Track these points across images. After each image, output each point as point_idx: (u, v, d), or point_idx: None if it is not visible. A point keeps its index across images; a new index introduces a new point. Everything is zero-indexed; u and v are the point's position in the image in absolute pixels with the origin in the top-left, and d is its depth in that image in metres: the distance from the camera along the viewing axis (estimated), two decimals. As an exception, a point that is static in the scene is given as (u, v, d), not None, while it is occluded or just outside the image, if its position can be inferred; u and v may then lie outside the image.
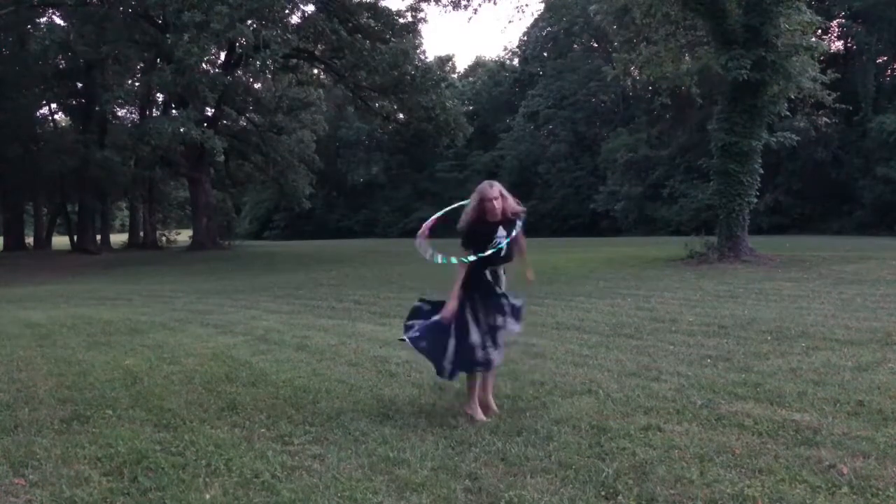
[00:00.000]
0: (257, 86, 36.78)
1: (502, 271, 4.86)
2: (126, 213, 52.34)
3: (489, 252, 4.65)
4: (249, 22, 24.41)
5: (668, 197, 41.35)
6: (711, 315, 8.78)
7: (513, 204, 4.78)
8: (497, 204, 4.69)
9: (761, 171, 17.03)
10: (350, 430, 4.50)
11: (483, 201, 4.69)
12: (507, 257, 4.80)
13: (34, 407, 5.19)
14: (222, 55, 32.45)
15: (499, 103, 57.98)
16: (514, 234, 4.73)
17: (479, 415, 4.71)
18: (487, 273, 4.78)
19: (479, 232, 4.73)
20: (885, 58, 36.83)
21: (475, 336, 4.72)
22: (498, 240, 4.67)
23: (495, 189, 4.72)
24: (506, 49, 72.43)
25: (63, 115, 43.34)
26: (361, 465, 3.91)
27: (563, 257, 19.59)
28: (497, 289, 4.82)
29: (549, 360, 6.35)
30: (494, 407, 4.85)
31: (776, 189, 35.93)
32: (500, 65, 61.77)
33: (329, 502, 3.45)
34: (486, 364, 4.74)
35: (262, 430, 4.54)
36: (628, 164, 43.77)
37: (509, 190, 4.88)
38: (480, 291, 4.77)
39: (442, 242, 5.12)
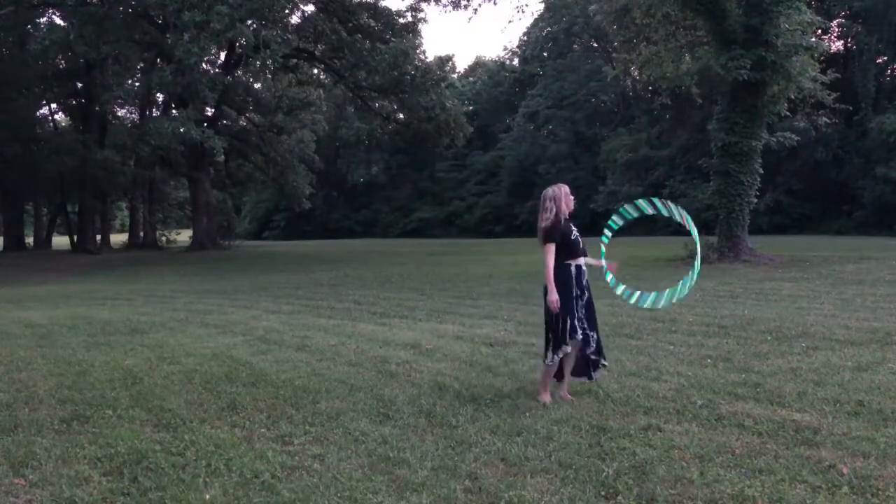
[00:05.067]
0: (257, 86, 36.78)
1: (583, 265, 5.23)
2: (126, 213, 52.29)
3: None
4: (249, 22, 24.39)
5: (668, 197, 41.15)
6: (711, 315, 8.78)
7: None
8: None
9: (761, 171, 17.03)
10: (350, 430, 4.50)
11: (567, 196, 5.18)
12: (583, 249, 5.25)
13: (34, 407, 5.19)
14: (222, 55, 32.45)
15: (499, 103, 57.95)
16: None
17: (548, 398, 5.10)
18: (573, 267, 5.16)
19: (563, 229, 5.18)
20: (885, 58, 36.79)
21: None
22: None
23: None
24: (506, 49, 72.63)
25: (63, 115, 43.31)
26: (361, 465, 3.91)
27: (563, 257, 19.54)
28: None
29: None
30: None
31: (776, 189, 35.90)
32: (500, 65, 61.76)
33: (329, 502, 3.45)
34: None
35: (262, 430, 4.54)
36: (628, 164, 43.76)
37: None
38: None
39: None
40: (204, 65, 27.50)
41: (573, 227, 5.20)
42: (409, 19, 31.08)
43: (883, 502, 3.33)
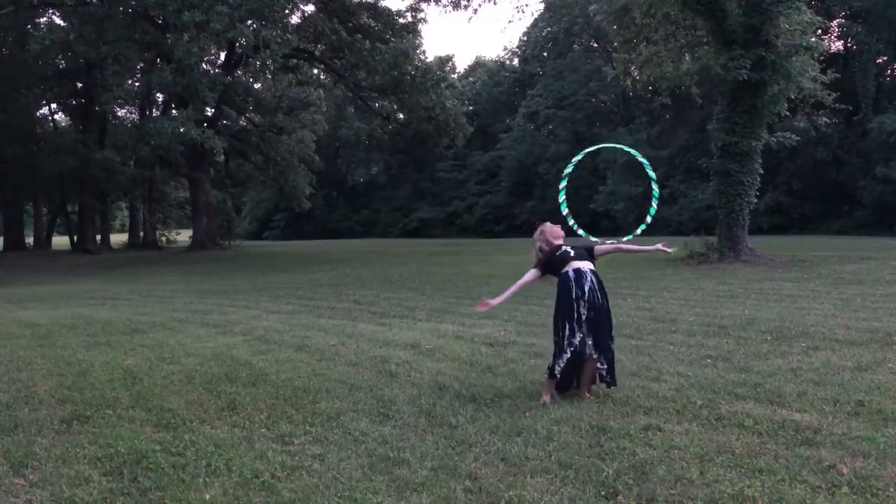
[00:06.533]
0: (257, 86, 36.79)
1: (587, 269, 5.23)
2: (126, 213, 52.30)
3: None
4: (249, 22, 24.40)
5: (669, 197, 41.31)
6: (711, 315, 8.78)
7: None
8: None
9: (761, 171, 17.03)
10: (350, 430, 4.50)
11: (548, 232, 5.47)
12: (579, 256, 5.29)
13: (34, 407, 5.19)
14: (222, 55, 32.45)
15: (499, 103, 57.96)
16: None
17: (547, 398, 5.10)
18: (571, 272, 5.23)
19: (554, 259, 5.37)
20: (885, 58, 36.77)
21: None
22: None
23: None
24: (506, 49, 72.64)
25: (63, 115, 43.32)
26: (361, 465, 3.91)
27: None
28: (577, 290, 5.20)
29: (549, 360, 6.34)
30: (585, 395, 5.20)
31: (776, 189, 35.90)
32: (500, 65, 61.75)
33: (329, 502, 3.45)
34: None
35: (262, 430, 4.54)
36: (628, 164, 43.71)
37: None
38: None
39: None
40: (204, 65, 27.51)
41: (566, 247, 5.35)
42: (409, 19, 31.10)
43: (883, 502, 3.33)
